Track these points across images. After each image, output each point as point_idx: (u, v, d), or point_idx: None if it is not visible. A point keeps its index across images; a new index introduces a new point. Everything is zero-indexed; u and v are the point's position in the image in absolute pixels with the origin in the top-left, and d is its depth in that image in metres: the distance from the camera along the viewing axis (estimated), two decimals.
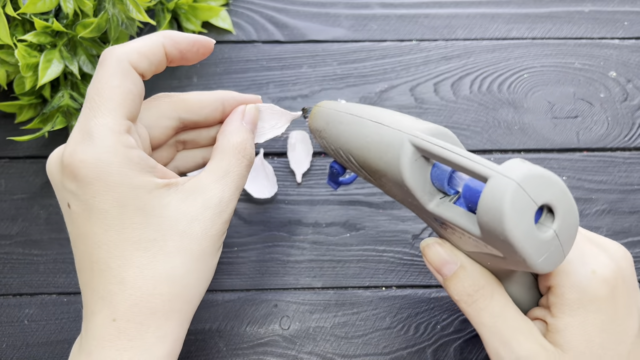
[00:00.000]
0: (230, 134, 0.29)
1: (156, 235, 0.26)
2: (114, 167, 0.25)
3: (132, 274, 0.26)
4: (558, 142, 0.41)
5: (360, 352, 0.36)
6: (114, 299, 0.26)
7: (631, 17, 0.45)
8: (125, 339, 0.26)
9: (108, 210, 0.25)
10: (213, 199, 0.27)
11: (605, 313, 0.25)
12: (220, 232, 0.27)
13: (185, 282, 0.26)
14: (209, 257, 0.27)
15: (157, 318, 0.26)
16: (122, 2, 0.37)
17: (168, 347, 0.26)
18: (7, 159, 0.41)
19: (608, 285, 0.25)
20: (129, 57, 0.27)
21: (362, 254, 0.38)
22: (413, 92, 0.43)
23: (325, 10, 0.45)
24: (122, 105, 0.26)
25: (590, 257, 0.25)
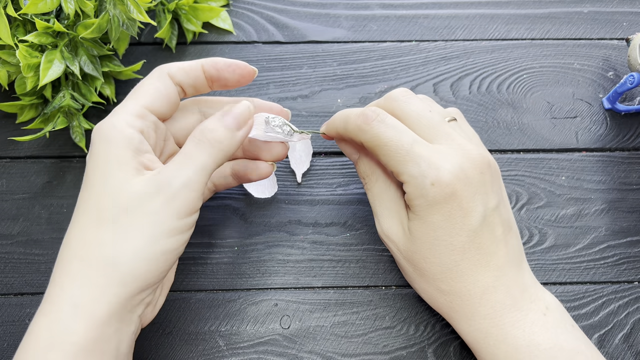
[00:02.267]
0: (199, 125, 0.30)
1: (103, 203, 0.27)
2: (108, 136, 0.28)
3: (72, 234, 0.28)
4: (557, 142, 0.41)
5: (360, 351, 0.36)
6: (57, 260, 0.28)
7: (630, 18, 0.45)
8: (49, 301, 0.27)
9: (88, 174, 0.28)
10: (159, 178, 0.27)
11: (442, 213, 0.30)
12: (158, 211, 0.27)
13: (106, 253, 0.27)
14: (141, 238, 0.27)
15: (74, 285, 0.27)
16: (123, 3, 0.37)
17: (83, 323, 0.26)
18: (8, 159, 0.41)
19: (444, 193, 0.29)
20: (169, 68, 0.31)
21: (362, 254, 0.38)
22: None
23: (325, 11, 0.45)
24: (145, 97, 0.30)
25: (431, 170, 0.29)
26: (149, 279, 0.27)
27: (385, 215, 0.33)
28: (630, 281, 0.38)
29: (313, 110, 0.42)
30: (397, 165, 0.30)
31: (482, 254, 0.30)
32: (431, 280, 0.32)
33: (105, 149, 0.28)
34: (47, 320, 0.27)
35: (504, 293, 0.30)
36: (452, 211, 0.30)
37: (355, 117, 0.32)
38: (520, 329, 0.30)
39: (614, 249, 0.39)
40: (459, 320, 0.31)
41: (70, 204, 0.39)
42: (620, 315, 0.37)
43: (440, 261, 0.31)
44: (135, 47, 0.44)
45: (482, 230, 0.30)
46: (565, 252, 0.39)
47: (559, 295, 0.37)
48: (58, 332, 0.26)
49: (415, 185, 0.30)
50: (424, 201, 0.30)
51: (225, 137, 0.29)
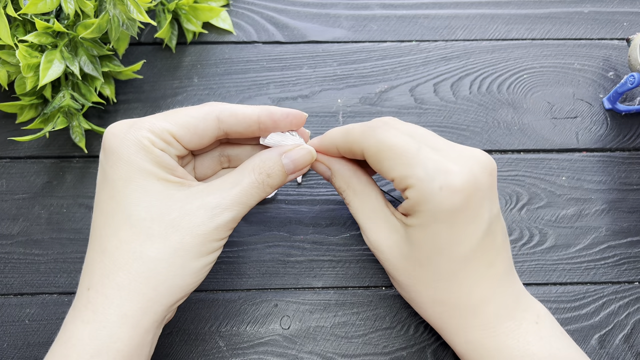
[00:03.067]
0: (258, 155, 0.31)
1: (146, 216, 0.27)
2: (135, 147, 0.28)
3: (113, 245, 0.27)
4: (557, 143, 0.41)
5: (361, 351, 0.36)
6: (94, 267, 0.28)
7: (630, 18, 0.45)
8: (91, 309, 0.27)
9: (116, 181, 0.28)
10: (211, 201, 0.28)
11: (446, 221, 0.28)
12: (208, 234, 0.28)
13: (156, 267, 0.27)
14: (189, 255, 0.28)
15: (121, 295, 0.27)
16: (122, 3, 0.37)
17: (129, 331, 0.27)
18: (8, 159, 0.41)
19: (452, 201, 0.27)
20: (221, 112, 0.30)
21: (362, 254, 0.38)
22: (413, 93, 0.43)
23: (325, 11, 0.45)
24: (178, 127, 0.29)
25: (439, 174, 0.27)
26: (190, 290, 0.29)
27: (370, 227, 0.31)
28: (630, 281, 0.38)
29: (313, 110, 0.42)
30: (403, 169, 0.28)
31: (482, 264, 0.29)
32: (425, 290, 0.30)
33: (135, 162, 0.28)
34: (91, 328, 0.27)
35: (499, 303, 0.29)
36: (459, 219, 0.28)
37: (360, 125, 0.30)
38: (514, 339, 0.29)
39: (615, 249, 0.39)
40: (452, 332, 0.30)
41: (70, 204, 0.39)
42: (620, 316, 0.37)
43: (438, 270, 0.29)
44: (135, 47, 0.44)
45: (486, 239, 0.29)
46: (566, 252, 0.39)
47: (559, 295, 0.37)
48: (104, 339, 0.27)
49: (422, 189, 0.27)
50: (429, 207, 0.27)
51: (279, 183, 0.31)
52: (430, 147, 0.29)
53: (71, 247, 0.38)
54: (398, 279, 0.31)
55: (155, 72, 0.43)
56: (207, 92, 0.43)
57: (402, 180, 0.28)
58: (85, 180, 0.40)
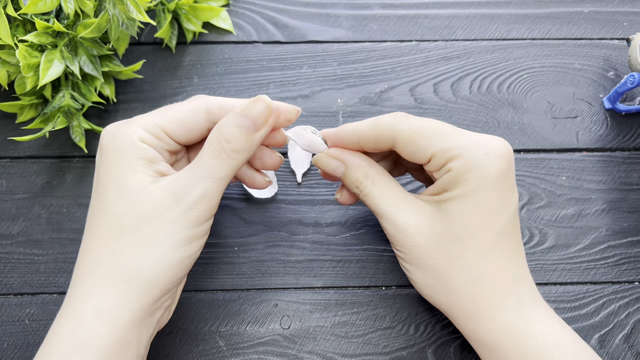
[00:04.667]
0: (216, 125, 0.29)
1: (118, 210, 0.27)
2: (121, 143, 0.28)
3: (92, 241, 0.28)
4: (557, 142, 0.41)
5: (361, 351, 0.36)
6: (78, 265, 0.28)
7: (630, 18, 0.45)
8: (71, 306, 0.27)
9: (100, 177, 0.29)
10: (175, 186, 0.28)
11: (494, 189, 0.28)
12: (177, 220, 0.27)
13: (128, 262, 0.27)
14: (162, 248, 0.27)
15: (98, 291, 0.27)
16: (122, 3, 0.37)
17: (107, 328, 0.27)
18: (8, 158, 0.41)
19: (498, 166, 0.28)
20: (210, 105, 0.30)
21: (362, 254, 0.38)
22: (413, 93, 0.43)
23: (325, 11, 0.45)
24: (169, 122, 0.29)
25: (482, 143, 0.28)
26: (168, 285, 0.28)
27: (396, 211, 0.30)
28: (630, 281, 0.38)
29: (313, 110, 0.42)
30: (444, 143, 0.28)
31: (515, 240, 0.29)
32: (460, 269, 0.29)
33: (118, 157, 0.28)
34: (70, 324, 0.27)
35: (529, 285, 0.30)
36: (502, 188, 0.28)
37: (387, 116, 0.30)
38: (545, 323, 0.29)
39: (615, 249, 0.39)
40: (483, 315, 0.29)
41: (70, 204, 0.39)
42: (620, 316, 0.37)
43: (478, 243, 0.28)
44: (135, 46, 0.44)
45: (516, 215, 0.29)
46: (566, 252, 0.38)
47: (559, 295, 0.37)
48: (82, 335, 0.26)
49: (469, 157, 0.28)
50: (475, 174, 0.28)
51: (243, 146, 0.29)
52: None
53: (71, 247, 0.38)
54: (426, 263, 0.30)
55: (155, 72, 0.43)
56: (207, 92, 0.43)
57: (444, 153, 0.28)
58: (85, 180, 0.40)
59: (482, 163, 0.28)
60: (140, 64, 0.40)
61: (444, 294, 0.30)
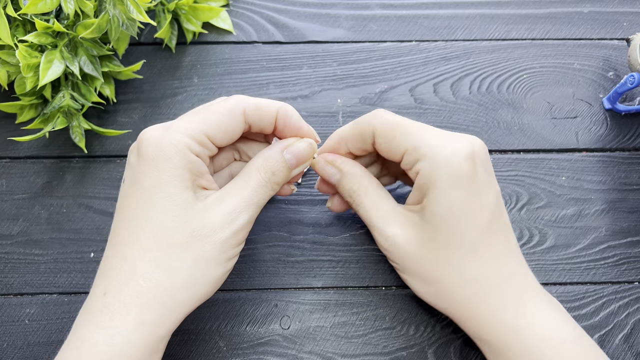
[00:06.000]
0: (260, 155, 0.31)
1: (170, 225, 0.28)
2: (170, 153, 0.28)
3: (134, 252, 0.28)
4: (557, 143, 0.41)
5: (361, 351, 0.36)
6: (112, 273, 0.28)
7: (630, 18, 0.45)
8: (107, 315, 0.27)
9: (146, 187, 0.28)
10: (226, 207, 0.29)
11: (466, 188, 0.28)
12: (226, 240, 0.29)
13: (177, 277, 0.28)
14: (209, 264, 0.28)
15: (140, 303, 0.27)
16: (122, 3, 0.37)
17: (145, 338, 0.27)
18: (8, 159, 0.41)
19: (467, 163, 0.28)
20: (246, 105, 0.30)
21: (362, 254, 0.38)
22: (413, 93, 0.43)
23: (325, 11, 0.45)
24: (212, 127, 0.29)
25: (449, 141, 0.29)
26: (208, 297, 0.29)
27: (385, 224, 0.32)
28: (630, 281, 0.38)
29: (313, 111, 0.42)
30: (415, 140, 0.29)
31: (501, 236, 0.30)
32: (453, 271, 0.30)
33: (168, 169, 0.28)
34: (107, 334, 0.27)
35: (524, 281, 0.30)
36: (473, 186, 0.29)
37: (365, 115, 0.32)
38: (547, 318, 0.29)
39: (614, 249, 0.39)
40: (484, 314, 0.30)
41: (70, 204, 0.39)
42: (620, 316, 0.37)
43: (465, 242, 0.29)
44: (135, 47, 0.44)
45: (497, 211, 0.30)
46: (566, 252, 0.39)
47: (559, 295, 0.37)
48: (119, 345, 0.27)
49: (436, 156, 0.29)
50: (446, 172, 0.28)
51: (284, 180, 0.31)
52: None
53: (71, 247, 0.38)
54: (421, 271, 0.31)
55: (155, 72, 0.43)
56: (207, 92, 0.43)
57: (415, 151, 0.29)
58: (85, 180, 0.40)
59: (448, 163, 0.28)
60: (140, 64, 0.40)
61: (443, 298, 0.31)
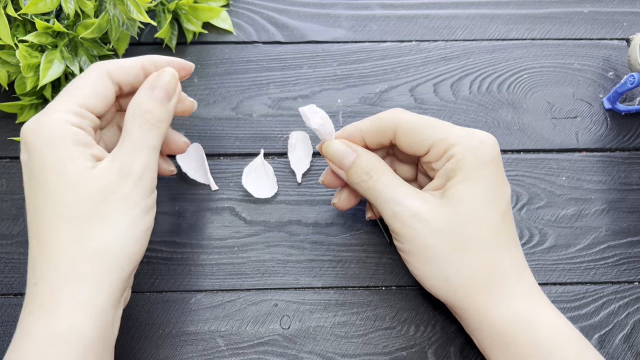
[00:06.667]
0: (130, 103, 0.31)
1: (71, 200, 0.28)
2: (49, 136, 0.28)
3: (48, 235, 0.28)
4: (557, 143, 0.41)
5: (361, 351, 0.36)
6: (35, 262, 0.28)
7: (630, 18, 0.45)
8: (39, 303, 0.27)
9: (38, 175, 0.28)
10: (118, 162, 0.29)
11: (491, 175, 0.30)
12: (133, 194, 0.28)
13: (96, 245, 0.28)
14: (125, 223, 0.28)
15: (67, 281, 0.27)
16: (123, 3, 0.37)
17: (85, 316, 0.27)
18: (8, 159, 0.41)
19: (493, 152, 0.30)
20: (108, 67, 0.31)
21: (362, 254, 0.38)
22: (413, 93, 0.43)
23: (325, 11, 0.45)
24: (83, 97, 0.29)
25: (475, 133, 0.31)
26: (138, 257, 0.29)
27: (410, 196, 0.31)
28: (630, 281, 0.38)
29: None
30: (442, 132, 0.31)
31: (512, 229, 0.31)
32: (471, 251, 0.30)
33: (52, 147, 0.28)
34: (45, 320, 0.27)
35: (529, 275, 0.31)
36: (497, 175, 0.31)
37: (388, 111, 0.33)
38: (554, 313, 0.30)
39: (614, 249, 0.39)
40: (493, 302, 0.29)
41: None
42: (620, 316, 0.37)
43: (485, 225, 0.30)
44: (135, 47, 0.44)
45: (509, 204, 0.31)
46: (566, 252, 0.39)
47: (559, 295, 0.37)
48: (61, 329, 0.26)
49: (465, 143, 0.30)
50: (474, 158, 0.30)
51: (161, 114, 0.31)
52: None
53: None
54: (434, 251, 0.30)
55: None
56: (207, 92, 0.43)
57: (443, 142, 0.31)
58: None
59: (479, 148, 0.30)
60: None
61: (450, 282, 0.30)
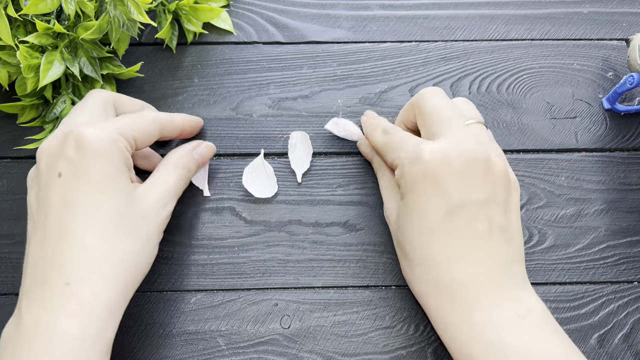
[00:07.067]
0: (175, 152, 0.37)
1: (122, 210, 0.31)
2: (111, 148, 0.31)
3: (93, 240, 0.29)
4: (557, 143, 0.42)
5: (361, 350, 0.36)
6: (73, 262, 0.29)
7: (629, 18, 0.45)
8: (77, 303, 0.28)
9: (95, 178, 0.30)
10: (156, 197, 0.33)
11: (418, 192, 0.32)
12: (161, 224, 0.33)
13: (133, 257, 0.31)
14: (152, 243, 0.33)
15: (106, 285, 0.29)
16: (123, 4, 0.37)
17: (113, 319, 0.30)
18: (9, 159, 0.41)
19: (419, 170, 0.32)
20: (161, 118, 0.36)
21: (362, 254, 0.38)
22: (413, 93, 0.43)
23: (325, 12, 0.45)
24: (137, 131, 0.33)
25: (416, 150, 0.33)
26: (147, 271, 0.33)
27: (386, 199, 0.37)
28: (629, 281, 0.38)
29: (313, 111, 0.42)
30: (393, 152, 0.34)
31: (452, 244, 0.31)
32: (408, 263, 0.33)
33: (112, 162, 0.31)
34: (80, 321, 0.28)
35: (473, 289, 0.30)
36: (427, 190, 0.31)
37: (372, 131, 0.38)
38: (492, 327, 0.29)
39: (614, 249, 0.39)
40: (432, 313, 0.32)
41: None
42: (619, 315, 0.37)
43: (413, 239, 0.32)
44: (135, 47, 0.44)
45: (456, 218, 0.31)
46: (565, 252, 0.39)
47: (558, 295, 0.38)
48: (94, 330, 0.28)
49: (400, 165, 0.33)
50: (404, 179, 0.32)
51: (193, 173, 0.38)
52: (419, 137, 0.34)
53: None
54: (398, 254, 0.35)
55: (155, 73, 0.43)
56: (207, 92, 0.43)
57: (392, 164, 0.35)
58: None
59: (405, 169, 0.32)
60: (138, 66, 0.40)
61: (410, 286, 0.34)
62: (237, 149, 0.41)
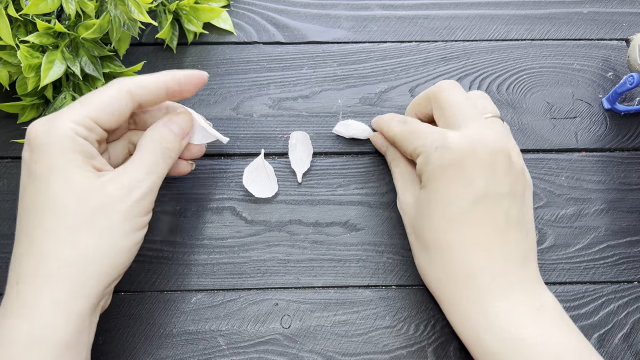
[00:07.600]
0: (150, 129, 0.33)
1: (70, 203, 0.28)
2: (59, 139, 0.29)
3: (39, 236, 0.28)
4: (557, 143, 0.42)
5: (361, 350, 0.36)
6: (21, 261, 0.28)
7: (629, 18, 0.45)
8: (21, 302, 0.27)
9: (41, 175, 0.29)
10: (125, 179, 0.30)
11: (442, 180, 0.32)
12: (129, 210, 0.30)
13: (85, 251, 0.28)
14: (116, 235, 0.29)
15: (50, 283, 0.28)
16: (123, 3, 0.37)
17: (62, 317, 0.27)
18: (9, 159, 0.41)
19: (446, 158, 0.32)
20: (129, 86, 0.31)
21: (362, 254, 0.38)
22: (413, 93, 0.43)
23: (325, 12, 0.46)
24: (96, 111, 0.30)
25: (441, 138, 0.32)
26: (123, 269, 0.31)
27: (401, 189, 0.37)
28: (629, 281, 0.38)
29: (313, 111, 0.42)
30: (414, 141, 0.34)
31: (474, 233, 0.31)
32: (425, 252, 0.33)
33: (59, 154, 0.29)
34: (25, 320, 0.27)
35: (490, 280, 0.30)
36: (452, 178, 0.31)
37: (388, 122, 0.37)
38: (507, 320, 0.30)
39: (614, 248, 0.39)
40: (449, 303, 0.32)
41: None
42: (619, 315, 0.37)
43: (434, 227, 0.32)
44: (136, 47, 0.44)
45: (479, 208, 0.31)
46: (565, 252, 0.39)
47: (558, 295, 0.38)
48: (39, 329, 0.27)
49: (424, 153, 0.33)
50: (428, 167, 0.32)
51: (177, 149, 0.33)
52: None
53: None
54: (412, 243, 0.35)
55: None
56: (207, 92, 0.43)
57: (414, 152, 0.34)
58: None
59: (432, 157, 0.32)
60: (140, 65, 0.41)
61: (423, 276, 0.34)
62: (237, 149, 0.41)
